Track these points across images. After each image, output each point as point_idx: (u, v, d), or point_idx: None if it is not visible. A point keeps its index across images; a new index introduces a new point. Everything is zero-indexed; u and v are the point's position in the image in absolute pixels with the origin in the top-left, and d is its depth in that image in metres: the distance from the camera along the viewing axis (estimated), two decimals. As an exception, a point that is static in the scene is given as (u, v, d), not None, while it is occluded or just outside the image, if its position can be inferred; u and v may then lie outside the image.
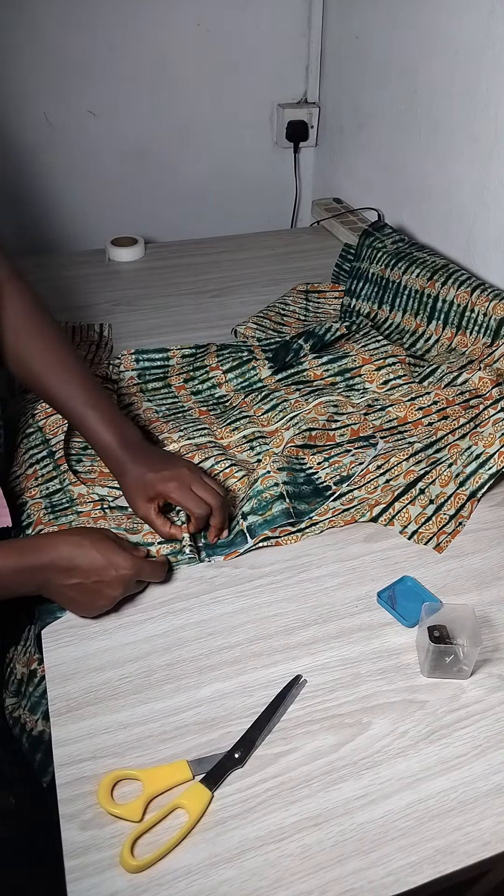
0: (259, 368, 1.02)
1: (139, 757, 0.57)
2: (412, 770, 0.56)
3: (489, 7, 1.05)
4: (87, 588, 0.65)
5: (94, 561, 0.64)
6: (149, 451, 0.78)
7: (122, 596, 0.67)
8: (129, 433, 0.78)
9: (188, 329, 1.16)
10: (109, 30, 1.44)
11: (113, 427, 0.77)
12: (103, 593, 0.66)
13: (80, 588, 0.65)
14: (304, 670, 0.64)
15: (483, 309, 1.02)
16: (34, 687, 0.72)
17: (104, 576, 0.65)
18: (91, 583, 0.65)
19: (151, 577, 0.70)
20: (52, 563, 0.64)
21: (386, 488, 0.81)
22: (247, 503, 0.78)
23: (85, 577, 0.64)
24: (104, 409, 0.79)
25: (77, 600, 0.66)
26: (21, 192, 1.56)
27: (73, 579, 0.64)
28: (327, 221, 1.52)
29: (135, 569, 0.66)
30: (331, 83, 1.61)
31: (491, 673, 0.64)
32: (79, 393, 0.78)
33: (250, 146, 1.69)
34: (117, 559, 0.65)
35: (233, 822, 0.53)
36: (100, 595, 0.66)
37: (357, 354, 1.01)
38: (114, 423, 0.78)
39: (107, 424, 0.77)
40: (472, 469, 0.83)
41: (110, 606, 0.68)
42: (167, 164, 1.63)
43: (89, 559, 0.64)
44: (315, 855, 0.51)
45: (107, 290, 1.29)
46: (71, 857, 0.51)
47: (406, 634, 0.67)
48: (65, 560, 0.64)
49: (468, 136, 1.15)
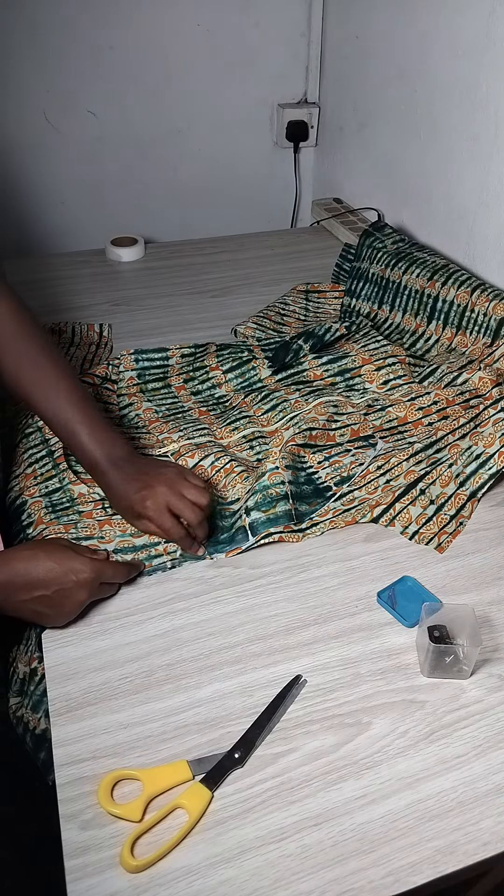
0: (259, 368, 1.02)
1: (139, 757, 0.57)
2: (412, 770, 0.56)
3: (489, 7, 1.05)
4: (50, 599, 0.64)
5: (51, 571, 0.63)
6: (130, 469, 0.75)
7: (88, 600, 0.66)
8: (117, 449, 0.76)
9: (188, 329, 1.16)
10: (109, 30, 1.44)
11: (98, 444, 0.75)
12: (68, 599, 0.64)
13: (42, 601, 0.63)
14: (304, 670, 0.64)
15: (483, 309, 1.02)
16: (35, 686, 0.72)
17: (64, 583, 0.64)
18: (52, 593, 0.63)
19: (114, 577, 0.69)
20: (8, 582, 0.62)
21: (386, 489, 0.81)
22: (251, 497, 0.78)
23: (45, 588, 0.63)
24: (91, 424, 0.76)
25: (42, 613, 0.64)
26: (21, 192, 1.56)
27: (33, 593, 0.63)
28: (327, 221, 1.52)
29: (95, 571, 0.65)
30: (331, 83, 1.61)
31: (491, 673, 0.64)
32: (66, 407, 0.76)
33: (250, 146, 1.69)
34: (75, 564, 0.64)
35: (233, 822, 0.53)
36: (64, 603, 0.64)
37: (357, 354, 1.01)
38: (99, 440, 0.76)
39: (93, 441, 0.75)
40: (473, 469, 0.83)
41: (78, 612, 0.67)
42: (167, 164, 1.64)
43: (45, 569, 0.63)
44: (315, 855, 0.51)
45: (107, 290, 1.29)
46: (71, 857, 0.51)
47: (406, 634, 0.67)
48: (20, 576, 0.63)
49: (468, 136, 1.15)
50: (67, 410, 0.76)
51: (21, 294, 0.83)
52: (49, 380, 0.78)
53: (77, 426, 0.76)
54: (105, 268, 1.38)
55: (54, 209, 1.60)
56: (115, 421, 0.95)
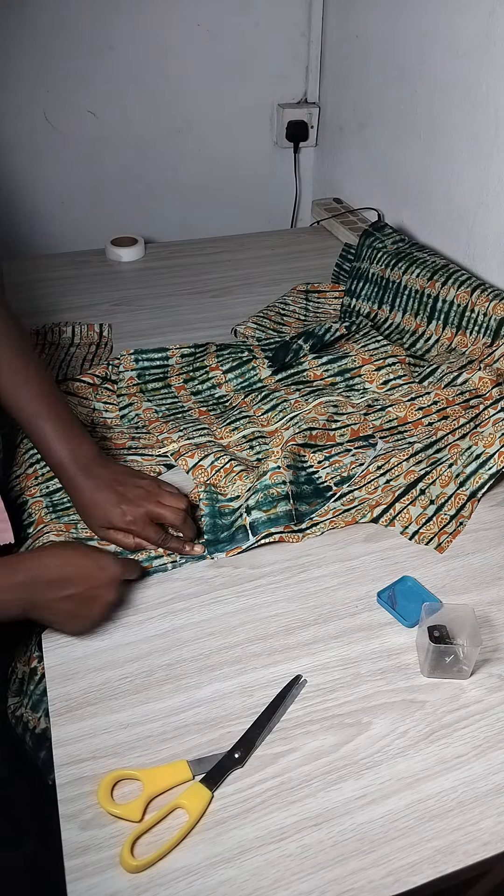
0: (259, 368, 1.02)
1: (139, 757, 0.57)
2: (412, 770, 0.56)
3: (489, 7, 1.05)
4: (81, 597, 0.62)
5: (82, 567, 0.63)
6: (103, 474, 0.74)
7: (115, 601, 0.66)
8: (84, 448, 0.75)
9: (188, 329, 1.16)
10: (109, 30, 1.44)
11: (66, 443, 0.74)
12: (98, 599, 0.63)
13: (73, 599, 0.62)
14: (304, 670, 0.64)
15: (483, 309, 1.02)
16: (34, 685, 0.72)
17: (95, 580, 0.63)
18: (83, 591, 0.62)
19: (133, 573, 0.69)
20: (38, 578, 0.61)
21: (386, 489, 0.81)
22: (252, 496, 0.78)
23: (76, 586, 0.62)
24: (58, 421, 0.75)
25: (72, 612, 0.63)
26: (21, 192, 1.56)
27: (64, 591, 0.61)
28: (327, 221, 1.52)
29: (121, 566, 0.65)
30: (331, 83, 1.61)
31: (491, 673, 0.64)
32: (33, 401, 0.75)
33: (250, 146, 1.69)
34: (103, 560, 0.64)
35: (233, 822, 0.53)
36: (94, 602, 0.63)
37: (357, 354, 1.01)
38: (67, 439, 0.74)
39: (60, 440, 0.74)
40: (473, 469, 0.83)
41: (107, 614, 0.66)
42: (167, 164, 1.64)
43: (76, 565, 0.63)
44: (315, 855, 0.51)
45: (107, 290, 1.29)
46: (71, 857, 0.51)
47: (406, 634, 0.67)
48: (53, 571, 0.61)
49: (468, 136, 1.15)
50: (34, 405, 0.75)
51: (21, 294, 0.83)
52: (22, 373, 0.76)
53: (43, 423, 0.74)
54: (105, 268, 1.38)
55: (54, 209, 1.60)
56: (115, 421, 0.95)
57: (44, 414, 0.75)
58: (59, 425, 0.75)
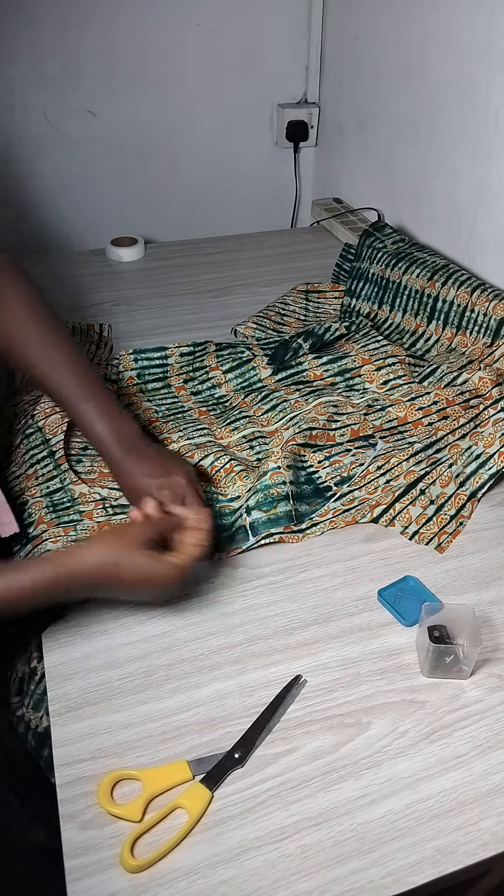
0: (259, 368, 1.02)
1: (139, 757, 0.57)
2: (412, 770, 0.56)
3: (489, 7, 1.05)
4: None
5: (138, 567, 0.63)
6: (145, 451, 0.75)
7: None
8: (126, 427, 0.76)
9: (188, 329, 1.16)
10: (109, 30, 1.44)
11: (107, 420, 0.75)
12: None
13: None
14: (304, 670, 0.64)
15: (483, 309, 1.02)
16: (35, 685, 0.72)
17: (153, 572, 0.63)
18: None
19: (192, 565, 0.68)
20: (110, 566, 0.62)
21: (386, 489, 0.81)
22: (252, 497, 0.78)
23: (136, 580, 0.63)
24: (99, 401, 0.76)
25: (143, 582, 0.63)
26: (21, 192, 1.56)
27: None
28: (327, 221, 1.52)
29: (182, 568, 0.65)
30: (331, 83, 1.61)
31: (491, 673, 0.64)
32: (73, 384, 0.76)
33: (250, 146, 1.69)
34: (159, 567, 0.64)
35: (233, 822, 0.53)
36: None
37: (357, 354, 1.01)
38: (108, 417, 0.76)
39: (101, 417, 0.75)
40: (473, 469, 0.83)
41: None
42: (167, 164, 1.63)
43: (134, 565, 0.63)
44: (315, 855, 0.51)
45: (107, 290, 1.29)
46: (71, 857, 0.51)
47: (406, 634, 0.67)
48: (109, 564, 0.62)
49: (468, 136, 1.15)
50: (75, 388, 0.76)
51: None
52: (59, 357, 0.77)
53: (84, 403, 0.76)
54: (105, 268, 1.38)
55: (54, 209, 1.60)
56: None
57: (84, 396, 0.76)
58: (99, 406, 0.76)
